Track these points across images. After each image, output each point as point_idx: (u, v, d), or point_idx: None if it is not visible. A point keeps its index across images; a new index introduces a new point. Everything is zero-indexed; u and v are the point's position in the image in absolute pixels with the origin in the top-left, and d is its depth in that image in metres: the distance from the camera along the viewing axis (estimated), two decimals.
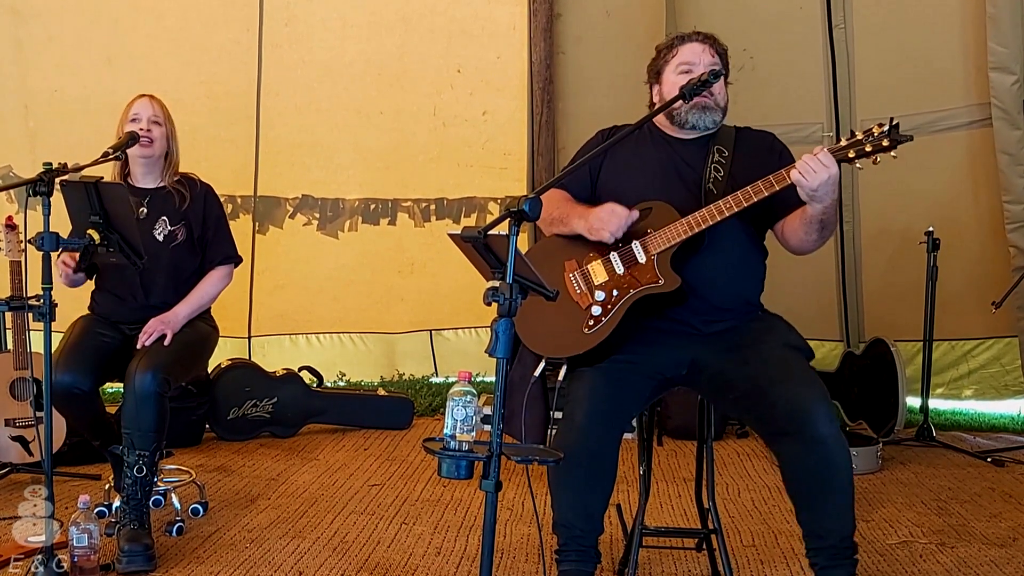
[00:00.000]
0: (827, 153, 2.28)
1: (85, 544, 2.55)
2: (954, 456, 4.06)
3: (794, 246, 2.52)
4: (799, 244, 2.50)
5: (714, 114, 2.54)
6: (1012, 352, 4.51)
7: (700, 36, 2.60)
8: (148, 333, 3.01)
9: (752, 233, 2.54)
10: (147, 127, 3.13)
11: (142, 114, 3.15)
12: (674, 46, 2.60)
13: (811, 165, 2.26)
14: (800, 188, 2.29)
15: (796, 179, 2.28)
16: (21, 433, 3.52)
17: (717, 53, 2.57)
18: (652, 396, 2.51)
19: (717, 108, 2.55)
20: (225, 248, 3.30)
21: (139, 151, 3.11)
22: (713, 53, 2.56)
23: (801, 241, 2.48)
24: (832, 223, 2.43)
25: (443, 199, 5.26)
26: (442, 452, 1.90)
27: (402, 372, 5.39)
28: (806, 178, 2.27)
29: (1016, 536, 3.08)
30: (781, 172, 2.34)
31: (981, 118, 4.32)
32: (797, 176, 2.28)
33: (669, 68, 2.59)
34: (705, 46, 2.56)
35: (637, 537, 2.49)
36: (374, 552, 2.95)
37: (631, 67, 4.87)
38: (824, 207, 2.33)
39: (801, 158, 2.29)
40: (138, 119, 3.14)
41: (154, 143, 3.14)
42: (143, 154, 3.14)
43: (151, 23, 4.87)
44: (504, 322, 1.82)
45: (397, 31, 5.04)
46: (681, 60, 2.56)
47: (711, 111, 2.54)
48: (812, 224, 2.40)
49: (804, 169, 2.27)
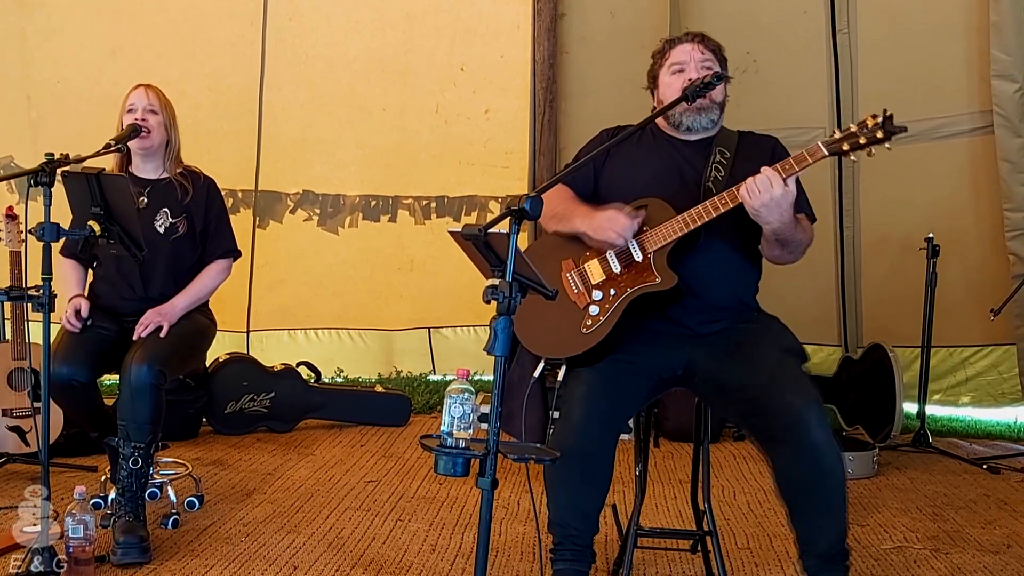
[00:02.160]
0: (775, 174, 2.27)
1: (80, 535, 2.55)
2: (950, 462, 4.06)
3: (765, 255, 2.53)
4: (767, 255, 2.51)
5: (710, 113, 2.54)
6: (1010, 360, 4.51)
7: (689, 36, 2.60)
8: (145, 325, 3.02)
9: (747, 234, 2.53)
10: (142, 116, 3.12)
11: (138, 104, 3.15)
12: (665, 50, 2.62)
13: (756, 184, 2.28)
14: (745, 205, 2.31)
15: (742, 195, 2.31)
16: (18, 423, 3.52)
17: (709, 49, 2.57)
18: (649, 397, 2.51)
19: (713, 106, 2.54)
20: (225, 242, 3.30)
21: (137, 143, 3.11)
22: (703, 50, 2.56)
23: (767, 253, 2.50)
24: (794, 243, 2.42)
25: (444, 197, 5.26)
26: (439, 449, 1.90)
27: (400, 369, 5.39)
28: (749, 196, 2.29)
29: (1010, 543, 3.08)
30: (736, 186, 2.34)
31: (983, 125, 4.32)
32: (743, 192, 2.30)
33: (663, 71, 2.61)
34: (694, 44, 2.57)
35: (632, 537, 2.49)
36: (369, 548, 2.96)
37: (634, 68, 4.84)
38: (772, 229, 2.33)
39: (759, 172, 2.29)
40: (134, 109, 3.14)
41: (151, 133, 3.13)
42: (140, 145, 3.14)
43: (155, 15, 4.87)
44: (503, 320, 1.83)
45: (401, 28, 5.05)
46: (673, 61, 2.57)
47: (706, 111, 2.53)
48: (769, 240, 2.41)
49: (749, 187, 2.29)
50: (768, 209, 2.28)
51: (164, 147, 3.20)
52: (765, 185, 2.27)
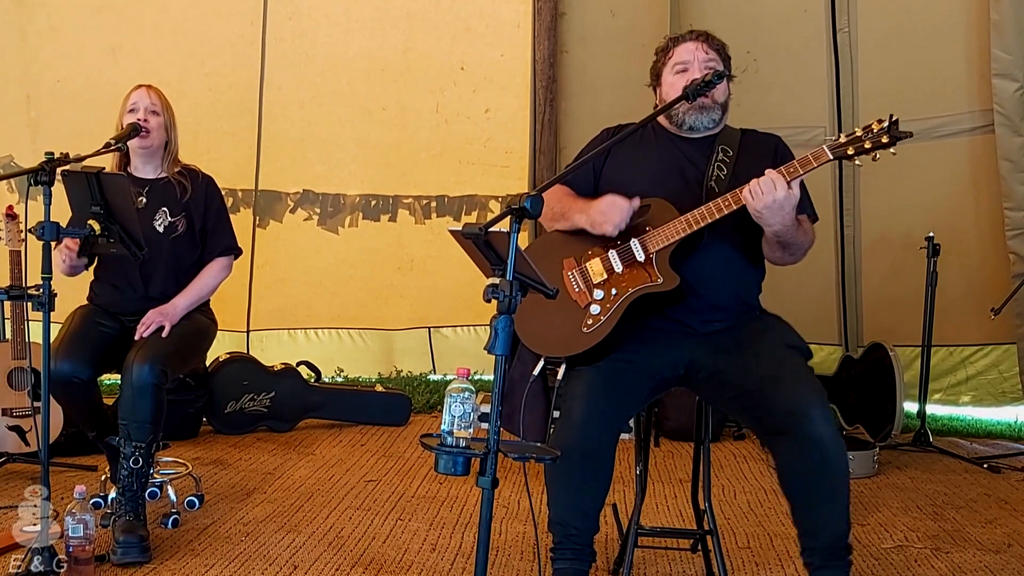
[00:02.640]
0: (778, 176, 2.27)
1: (80, 535, 2.55)
2: (950, 462, 4.06)
3: (766, 257, 2.53)
4: (768, 256, 2.51)
5: (712, 113, 2.54)
6: (1010, 359, 4.51)
7: (694, 35, 2.59)
8: (146, 324, 3.02)
9: (750, 234, 2.53)
10: (144, 117, 3.13)
11: (140, 104, 3.15)
12: (669, 48, 2.61)
13: (759, 186, 2.28)
14: (748, 207, 2.30)
15: (744, 197, 2.31)
16: (18, 423, 3.51)
17: (713, 49, 2.56)
18: (650, 396, 2.50)
19: (715, 106, 2.53)
20: (225, 239, 3.30)
21: (137, 142, 3.11)
22: (708, 50, 2.55)
23: (768, 255, 2.50)
24: (796, 245, 2.42)
25: (444, 196, 5.26)
26: (439, 448, 1.90)
27: (400, 369, 5.39)
28: (752, 198, 2.28)
29: (1011, 542, 3.08)
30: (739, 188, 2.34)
31: (983, 124, 4.32)
32: (746, 194, 2.30)
33: (667, 69, 2.59)
34: (699, 43, 2.56)
35: (633, 537, 2.49)
36: (369, 547, 2.95)
37: (635, 67, 4.86)
38: (774, 231, 2.33)
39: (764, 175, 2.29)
40: (135, 109, 3.15)
41: (151, 133, 3.14)
42: (141, 145, 3.14)
43: (155, 14, 4.86)
44: (504, 319, 1.82)
45: (401, 27, 5.04)
46: (677, 60, 2.56)
47: (708, 111, 2.53)
48: (771, 241, 2.41)
49: (753, 188, 2.29)
50: (771, 211, 2.28)
51: (163, 148, 3.21)
52: (768, 187, 2.27)
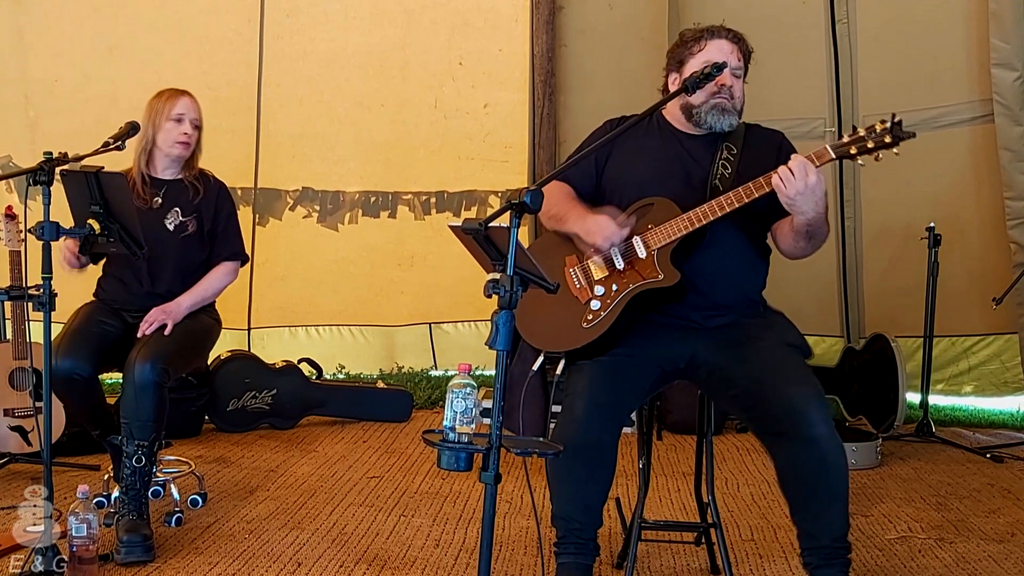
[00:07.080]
0: (807, 162, 2.24)
1: (84, 534, 2.55)
2: (953, 452, 4.06)
3: (784, 250, 2.51)
4: (788, 249, 2.48)
5: (731, 117, 2.51)
6: (1012, 349, 4.50)
7: (731, 35, 2.53)
8: (149, 322, 3.02)
9: (754, 231, 2.52)
10: (191, 131, 3.18)
11: (186, 116, 3.18)
12: (703, 39, 2.52)
13: (791, 170, 2.23)
14: (779, 194, 2.27)
15: (775, 184, 2.27)
16: (20, 423, 3.51)
17: (742, 54, 2.52)
18: (652, 390, 2.50)
19: (735, 112, 2.51)
20: (233, 244, 3.32)
21: (178, 150, 3.17)
22: (740, 56, 2.52)
23: (790, 247, 2.47)
24: (821, 235, 2.40)
25: (443, 192, 5.25)
26: (441, 444, 1.90)
27: (401, 365, 5.39)
28: (784, 184, 2.24)
29: (1014, 532, 3.08)
30: (767, 175, 2.31)
31: (983, 114, 4.31)
32: (776, 181, 2.26)
33: (694, 60, 2.51)
34: (735, 47, 2.51)
35: (636, 530, 2.49)
36: (373, 544, 2.95)
37: (633, 61, 4.89)
38: (807, 219, 2.30)
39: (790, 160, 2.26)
40: (181, 120, 3.17)
41: (190, 145, 3.20)
42: (181, 153, 3.19)
43: (152, 12, 4.85)
44: (504, 314, 1.82)
45: (399, 23, 5.03)
46: (708, 57, 2.47)
47: (729, 114, 2.50)
48: (799, 233, 2.38)
49: (784, 175, 2.25)
50: (804, 198, 2.24)
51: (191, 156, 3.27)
52: (801, 173, 2.23)
